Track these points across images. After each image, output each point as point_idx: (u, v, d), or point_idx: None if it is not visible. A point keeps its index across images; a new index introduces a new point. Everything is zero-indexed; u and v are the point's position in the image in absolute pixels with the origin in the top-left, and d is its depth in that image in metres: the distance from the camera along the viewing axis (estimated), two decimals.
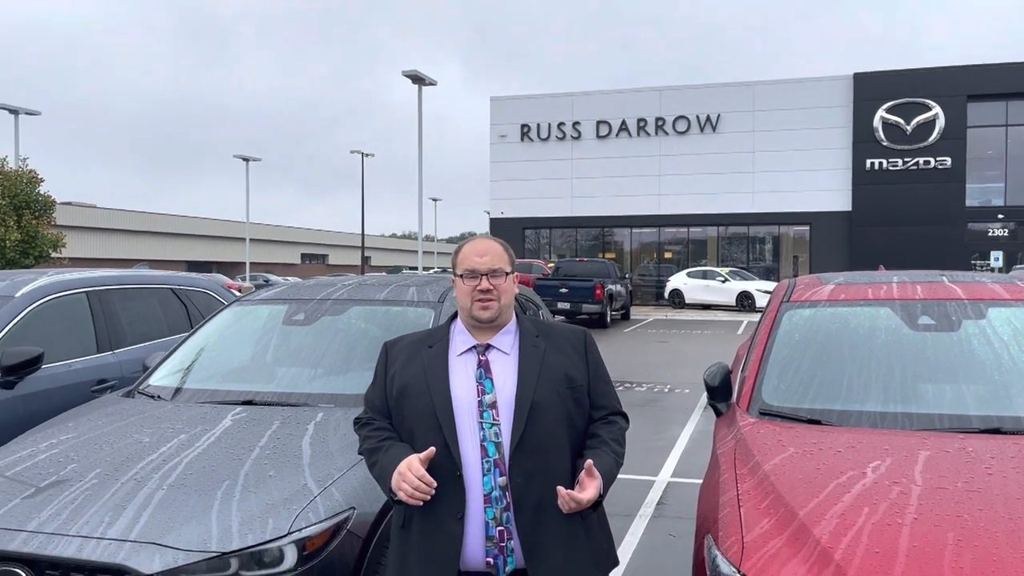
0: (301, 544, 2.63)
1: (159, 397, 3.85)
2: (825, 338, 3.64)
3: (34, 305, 4.95)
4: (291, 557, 2.60)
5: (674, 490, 6.36)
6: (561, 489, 2.00)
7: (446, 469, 2.09)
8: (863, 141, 30.18)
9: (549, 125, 33.82)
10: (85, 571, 2.53)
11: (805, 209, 30.89)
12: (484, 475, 2.09)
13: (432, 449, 2.07)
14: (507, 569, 2.10)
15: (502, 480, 2.09)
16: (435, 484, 2.03)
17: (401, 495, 2.05)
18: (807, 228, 31.45)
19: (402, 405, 2.22)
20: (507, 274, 2.24)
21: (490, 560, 2.09)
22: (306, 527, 2.66)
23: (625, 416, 2.35)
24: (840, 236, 30.59)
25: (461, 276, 2.22)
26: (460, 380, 2.18)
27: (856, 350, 3.50)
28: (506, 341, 2.24)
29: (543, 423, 2.13)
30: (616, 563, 2.34)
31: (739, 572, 2.26)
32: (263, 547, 2.58)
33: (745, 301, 27.01)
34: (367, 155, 46.03)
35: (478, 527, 2.09)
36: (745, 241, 33.04)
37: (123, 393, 4.05)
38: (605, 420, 2.28)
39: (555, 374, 2.19)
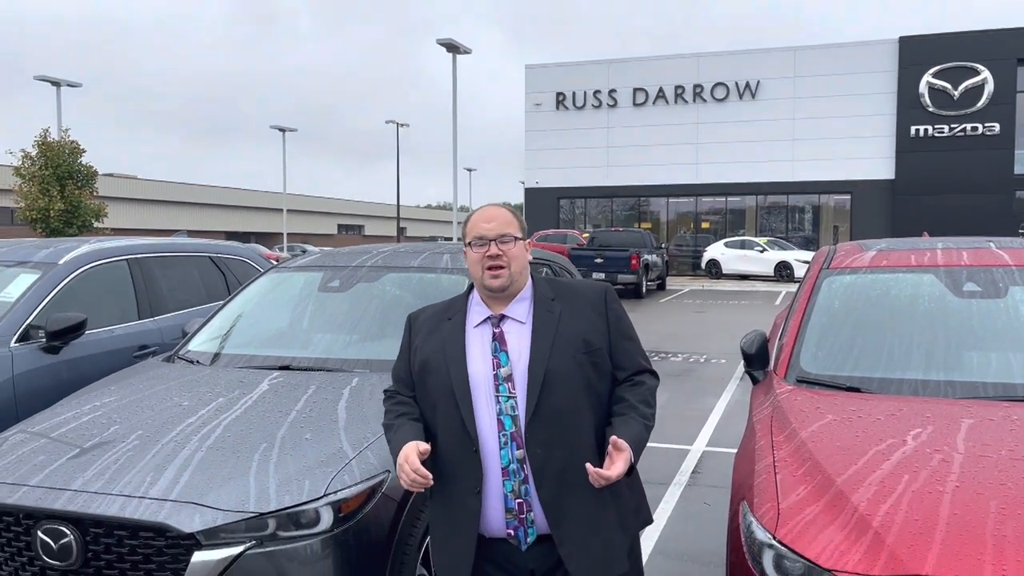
0: (337, 506, 2.66)
1: (198, 362, 3.91)
2: (866, 305, 3.56)
3: (76, 272, 5.04)
4: (327, 518, 2.64)
5: (709, 459, 6.33)
6: (590, 467, 1.96)
7: (463, 445, 2.10)
8: (908, 107, 29.41)
9: (585, 93, 33.45)
10: (127, 529, 2.60)
11: (846, 178, 30.27)
12: (501, 449, 2.08)
13: (427, 446, 2.07)
14: (528, 540, 2.11)
15: (519, 453, 2.08)
16: (430, 477, 2.02)
17: (403, 485, 2.06)
18: (848, 197, 30.84)
19: (424, 380, 2.21)
20: (516, 239, 2.18)
21: (510, 532, 2.11)
22: (342, 489, 2.69)
23: (653, 373, 2.25)
24: (882, 205, 29.96)
25: (470, 244, 2.18)
26: (476, 354, 2.16)
27: (898, 317, 3.43)
28: (520, 309, 2.19)
29: (560, 392, 2.08)
30: (649, 521, 2.32)
31: (774, 538, 2.24)
32: (300, 508, 2.62)
33: (783, 271, 26.65)
34: (402, 125, 46.06)
35: (497, 500, 2.10)
36: (784, 211, 32.52)
37: (163, 358, 4.12)
38: (631, 382, 2.20)
39: (571, 339, 2.13)
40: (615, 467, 1.96)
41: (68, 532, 2.61)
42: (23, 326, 4.61)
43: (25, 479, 2.78)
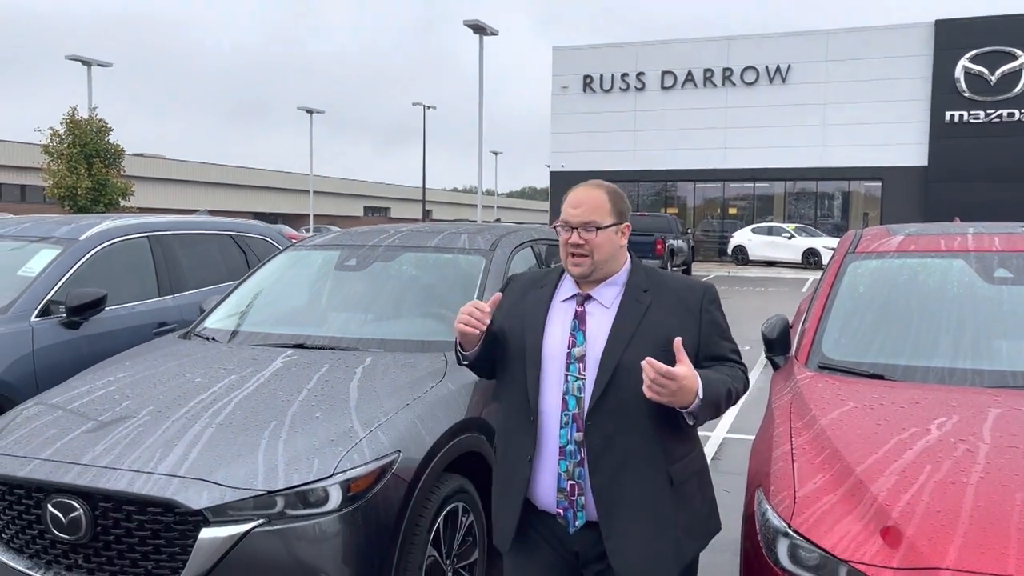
0: (346, 485, 2.64)
1: (213, 339, 3.90)
2: (892, 291, 3.47)
3: (97, 248, 5.06)
4: (336, 497, 2.61)
5: (729, 446, 6.25)
6: (648, 359, 1.86)
7: (523, 412, 2.10)
8: (943, 92, 28.77)
9: (612, 76, 33.12)
10: (136, 504, 2.59)
11: (878, 164, 29.72)
12: (561, 427, 2.05)
13: (498, 295, 2.15)
14: (576, 524, 2.06)
15: (578, 436, 2.03)
16: (487, 309, 2.07)
17: (456, 328, 2.09)
18: (879, 184, 30.31)
19: (505, 341, 2.18)
20: (601, 228, 2.06)
21: (560, 512, 2.07)
22: (351, 468, 2.67)
23: (744, 368, 2.12)
24: (914, 192, 29.41)
25: (558, 227, 2.12)
26: (555, 328, 2.11)
27: (925, 303, 3.33)
28: (609, 294, 2.11)
29: (628, 385, 1.98)
30: (718, 529, 2.23)
31: (789, 527, 2.17)
32: (308, 487, 2.60)
33: (811, 258, 26.31)
34: (428, 107, 45.99)
35: (551, 476, 2.07)
36: (813, 197, 32.06)
37: (180, 335, 4.12)
38: (720, 362, 2.09)
39: (653, 334, 2.02)
40: (675, 367, 1.86)
41: (78, 506, 2.62)
42: (44, 301, 4.63)
43: (36, 452, 2.79)
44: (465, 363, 2.23)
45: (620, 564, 2.00)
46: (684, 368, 1.88)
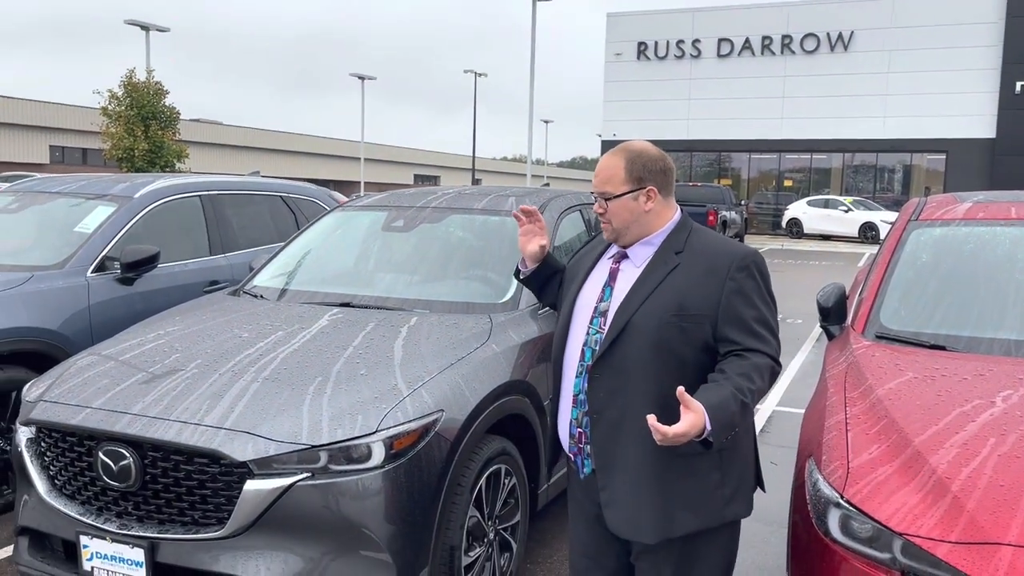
0: (389, 442, 2.63)
1: (262, 296, 3.93)
2: (957, 259, 3.32)
3: (151, 206, 5.13)
4: (379, 454, 2.61)
5: (779, 419, 6.14)
6: (650, 418, 1.82)
7: (553, 357, 2.25)
8: (1014, 61, 27.53)
9: (668, 43, 32.45)
10: (183, 455, 2.62)
11: (942, 136, 28.69)
12: (576, 376, 2.14)
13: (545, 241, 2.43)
14: (584, 471, 2.17)
15: (587, 387, 2.11)
16: (535, 209, 2.43)
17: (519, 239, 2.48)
18: (943, 156, 29.28)
19: (562, 291, 2.38)
20: (611, 198, 2.11)
21: (571, 456, 2.21)
22: (394, 426, 2.66)
23: (768, 355, 2.00)
24: (980, 166, 28.35)
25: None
26: (593, 282, 2.21)
27: (993, 273, 3.18)
28: (642, 253, 2.14)
29: (634, 344, 2.02)
30: (742, 515, 2.14)
31: (842, 498, 2.10)
32: (352, 442, 2.60)
33: (869, 232, 25.62)
34: (480, 74, 45.73)
35: (566, 421, 2.20)
36: (873, 170, 31.14)
37: (229, 292, 4.16)
38: (735, 355, 2.00)
39: (666, 297, 2.02)
40: (676, 425, 1.80)
41: (127, 455, 2.66)
42: (99, 257, 4.72)
43: (88, 401, 2.84)
44: (521, 278, 2.51)
45: (610, 517, 2.08)
46: (685, 424, 1.80)
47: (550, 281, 2.50)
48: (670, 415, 1.85)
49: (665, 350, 2.01)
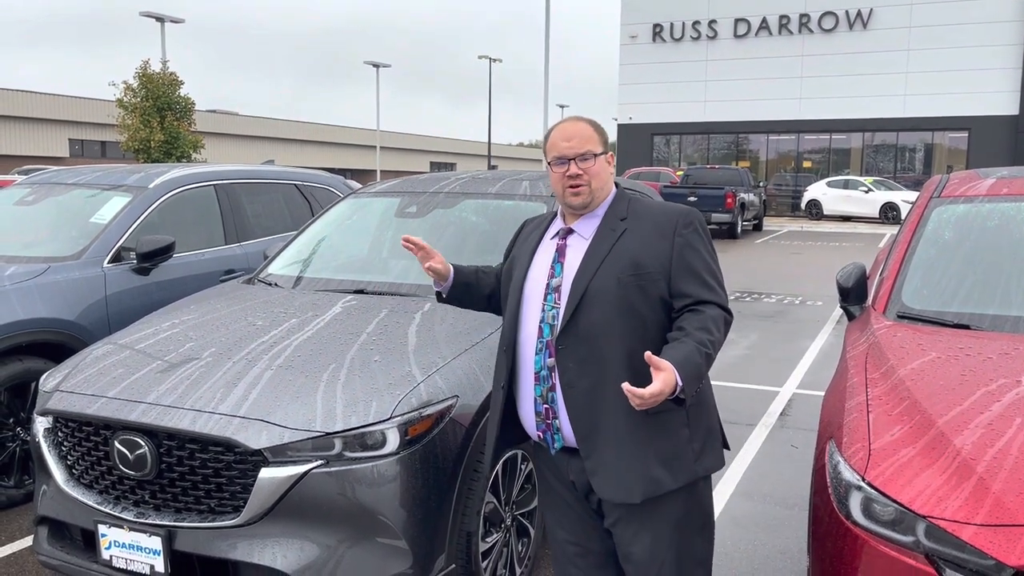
0: (403, 429, 2.61)
1: (276, 284, 3.92)
2: (981, 237, 3.24)
3: (166, 196, 5.14)
4: (393, 441, 2.59)
5: (799, 402, 6.08)
6: (626, 385, 1.84)
7: (505, 342, 2.25)
8: None
9: (683, 24, 32.13)
10: (198, 443, 2.62)
11: (964, 113, 28.25)
12: (536, 354, 2.16)
13: (449, 268, 2.37)
14: (556, 446, 2.18)
15: (550, 361, 2.13)
16: (416, 240, 2.31)
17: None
18: (965, 135, 28.84)
19: (506, 281, 2.35)
20: (596, 155, 2.17)
21: (539, 434, 2.21)
22: (409, 412, 2.64)
23: (720, 305, 2.08)
24: (1003, 143, 27.90)
25: (551, 164, 2.21)
26: (540, 263, 2.24)
27: (1018, 250, 3.10)
28: (588, 226, 2.20)
29: (596, 310, 2.07)
30: (714, 468, 2.17)
31: (863, 480, 2.06)
32: (366, 429, 2.58)
33: (890, 213, 25.31)
34: (495, 60, 45.54)
35: (529, 403, 2.20)
36: (893, 150, 30.73)
37: (243, 280, 4.16)
38: (691, 310, 2.06)
39: (621, 259, 2.10)
40: (650, 386, 1.83)
41: (143, 443, 2.66)
42: (115, 247, 4.73)
43: (104, 391, 2.84)
44: (444, 299, 2.44)
45: (598, 484, 2.09)
46: (659, 383, 1.83)
47: (472, 289, 2.45)
48: (640, 377, 1.90)
49: (627, 310, 2.07)
